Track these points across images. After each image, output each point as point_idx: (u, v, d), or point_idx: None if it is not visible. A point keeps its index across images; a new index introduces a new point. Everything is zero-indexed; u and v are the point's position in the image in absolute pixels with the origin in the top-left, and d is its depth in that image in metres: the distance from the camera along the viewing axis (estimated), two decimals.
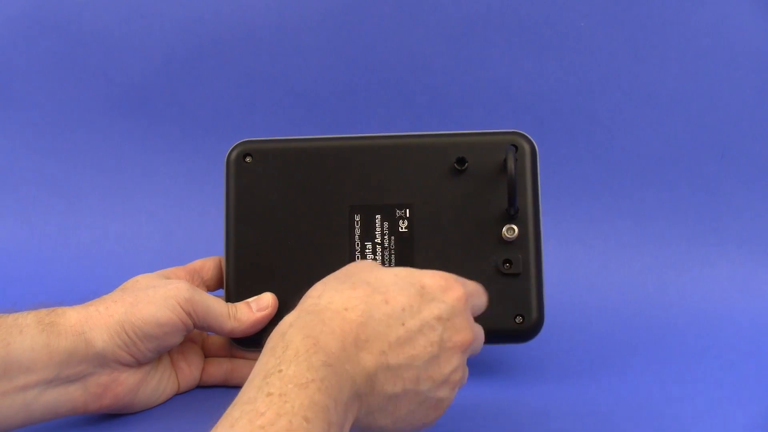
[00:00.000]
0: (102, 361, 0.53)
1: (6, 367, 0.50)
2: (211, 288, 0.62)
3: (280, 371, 0.40)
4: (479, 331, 0.50)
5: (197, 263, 0.61)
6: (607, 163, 0.80)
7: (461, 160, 0.59)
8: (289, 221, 0.60)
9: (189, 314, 0.55)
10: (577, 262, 0.79)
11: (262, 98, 0.82)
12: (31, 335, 0.51)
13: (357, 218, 0.60)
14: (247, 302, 0.58)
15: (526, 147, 0.59)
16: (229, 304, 0.58)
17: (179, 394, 0.60)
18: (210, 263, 0.62)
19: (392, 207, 0.59)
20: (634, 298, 0.77)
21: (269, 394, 0.39)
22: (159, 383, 0.58)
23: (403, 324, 0.45)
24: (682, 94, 0.78)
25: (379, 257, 0.59)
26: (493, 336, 0.53)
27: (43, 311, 0.53)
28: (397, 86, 0.81)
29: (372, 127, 0.81)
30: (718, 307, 0.75)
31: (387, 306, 0.45)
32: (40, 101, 0.86)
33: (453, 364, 0.46)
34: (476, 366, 0.65)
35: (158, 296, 0.54)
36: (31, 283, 0.76)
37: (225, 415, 0.39)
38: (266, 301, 0.59)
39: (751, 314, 0.74)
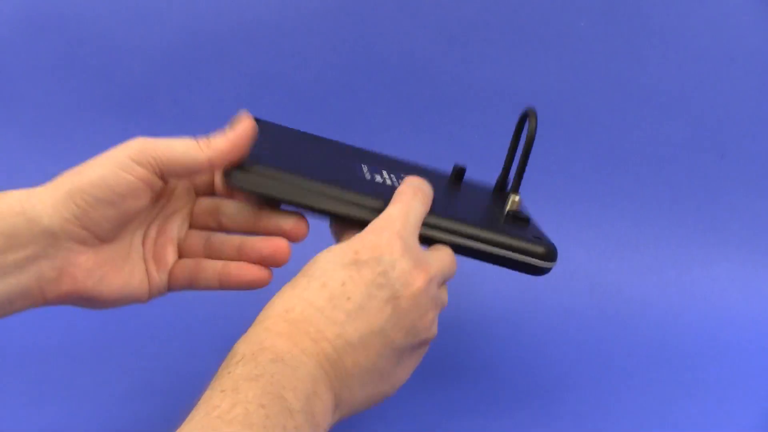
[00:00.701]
0: (52, 239, 0.46)
1: None
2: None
3: (229, 372, 0.40)
4: (437, 256, 0.47)
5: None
6: (607, 163, 0.80)
7: (460, 172, 0.59)
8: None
9: (146, 166, 0.47)
10: (576, 262, 0.79)
11: (262, 98, 0.82)
12: None
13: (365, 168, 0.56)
14: (220, 131, 0.49)
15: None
16: (197, 138, 0.49)
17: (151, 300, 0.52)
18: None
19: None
20: (634, 298, 0.77)
21: (222, 391, 0.39)
22: (127, 272, 0.50)
23: (349, 298, 0.44)
24: (682, 94, 0.78)
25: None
26: (514, 250, 0.52)
27: None
28: (397, 86, 0.81)
29: (371, 127, 0.81)
30: (718, 307, 0.75)
31: (326, 289, 0.44)
32: (40, 101, 0.86)
33: (418, 306, 0.45)
34: (475, 365, 0.66)
35: (107, 156, 0.47)
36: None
37: (186, 417, 0.39)
38: (246, 121, 0.49)
39: (751, 314, 0.74)
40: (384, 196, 0.50)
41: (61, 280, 0.47)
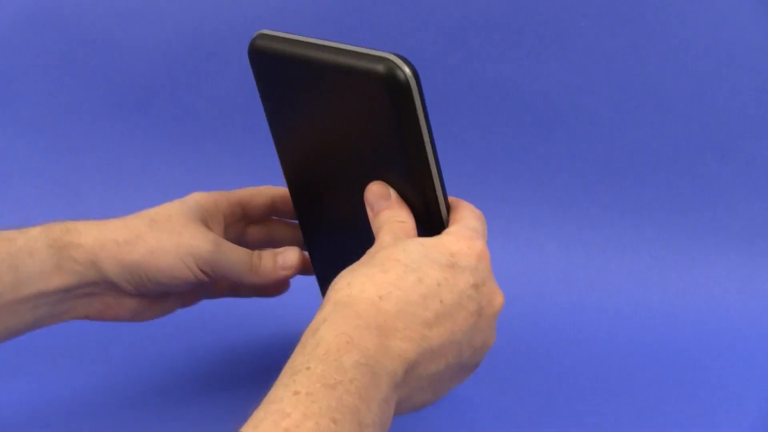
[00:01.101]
0: (110, 287, 0.54)
1: (16, 291, 0.51)
2: (254, 219, 0.61)
3: (308, 368, 0.38)
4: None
5: (246, 194, 0.59)
6: (607, 163, 0.80)
7: None
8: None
9: (205, 273, 0.54)
10: (576, 262, 0.79)
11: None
12: (42, 259, 0.52)
13: None
14: (274, 254, 0.56)
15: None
16: (255, 254, 0.56)
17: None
18: (259, 198, 0.59)
19: None
20: (634, 298, 0.77)
21: (296, 393, 0.37)
22: (160, 309, 0.58)
23: (441, 301, 0.43)
24: (683, 94, 0.78)
25: None
26: None
27: (56, 229, 0.53)
28: None
29: None
30: (718, 307, 0.75)
31: (422, 285, 0.42)
32: (41, 101, 0.86)
33: (491, 328, 0.45)
34: None
35: (179, 249, 0.53)
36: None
37: (251, 416, 0.37)
38: (292, 259, 0.56)
39: (751, 315, 0.74)
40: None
41: (106, 312, 0.56)
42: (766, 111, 0.77)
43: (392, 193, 0.48)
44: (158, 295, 0.56)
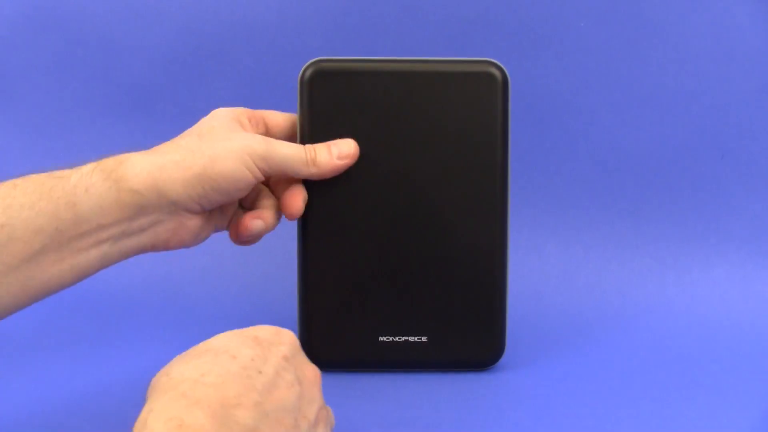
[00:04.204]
0: (174, 209, 0.54)
1: (76, 228, 0.51)
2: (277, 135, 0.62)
3: None
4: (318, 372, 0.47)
5: (267, 112, 0.62)
6: (607, 163, 0.80)
7: None
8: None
9: (262, 170, 0.56)
10: (576, 263, 0.79)
11: (262, 98, 0.82)
12: (98, 194, 0.52)
13: None
14: (327, 145, 0.59)
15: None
16: (307, 147, 0.58)
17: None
18: (280, 117, 0.62)
19: None
20: (634, 298, 0.77)
21: None
22: (214, 227, 0.59)
23: (260, 372, 0.42)
24: (682, 94, 0.78)
25: None
26: None
27: (109, 163, 0.54)
28: None
29: None
30: (718, 308, 0.75)
31: (236, 360, 0.42)
32: (40, 101, 0.86)
33: (317, 401, 0.44)
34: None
35: (236, 151, 0.55)
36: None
37: None
38: (348, 148, 0.59)
39: (751, 315, 0.74)
40: None
41: (170, 240, 0.56)
42: (766, 111, 0.77)
43: None
44: (217, 205, 0.57)
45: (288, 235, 0.64)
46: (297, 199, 0.59)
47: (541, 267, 0.79)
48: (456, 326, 0.62)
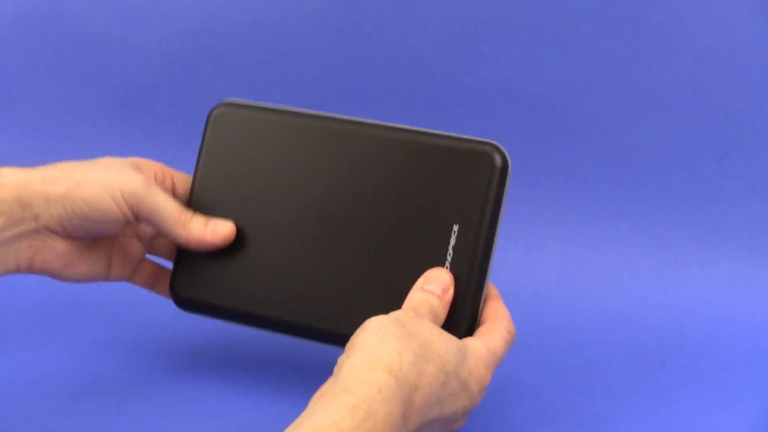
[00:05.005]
0: (37, 226, 0.53)
1: None
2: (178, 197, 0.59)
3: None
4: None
5: (179, 174, 0.59)
6: (607, 163, 0.80)
7: None
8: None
9: (132, 208, 0.53)
10: (576, 263, 0.79)
11: (262, 98, 0.82)
12: None
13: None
14: (207, 219, 0.55)
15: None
16: (186, 211, 0.55)
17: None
18: (183, 178, 0.59)
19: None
20: (634, 298, 0.77)
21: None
22: (91, 262, 0.56)
23: (442, 410, 0.46)
24: (682, 94, 0.78)
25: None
26: None
27: None
28: (397, 86, 0.81)
29: None
30: (718, 307, 0.75)
31: (442, 391, 0.46)
32: (41, 101, 0.86)
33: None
34: None
35: (107, 181, 0.53)
36: (31, 281, 0.77)
37: None
38: (224, 229, 0.55)
39: (751, 315, 0.74)
40: None
41: (34, 259, 0.54)
42: (766, 111, 0.77)
43: (451, 291, 0.51)
44: (88, 241, 0.55)
45: None
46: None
47: (541, 267, 0.79)
48: None
